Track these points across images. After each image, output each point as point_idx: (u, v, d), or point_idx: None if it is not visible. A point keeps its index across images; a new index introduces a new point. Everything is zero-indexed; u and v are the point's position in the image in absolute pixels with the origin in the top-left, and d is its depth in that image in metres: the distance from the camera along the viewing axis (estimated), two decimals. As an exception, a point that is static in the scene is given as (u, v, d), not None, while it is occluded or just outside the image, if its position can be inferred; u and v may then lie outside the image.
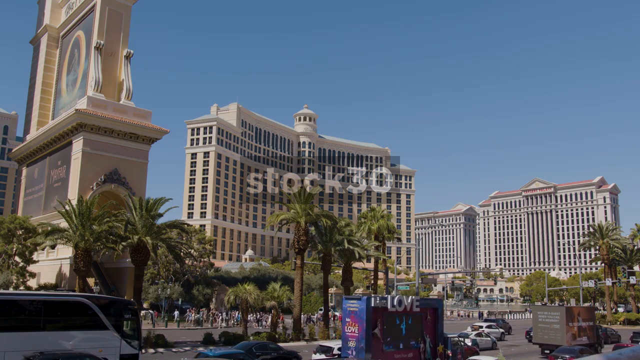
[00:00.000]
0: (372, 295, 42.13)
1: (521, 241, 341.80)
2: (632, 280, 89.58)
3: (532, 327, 51.30)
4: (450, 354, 34.70)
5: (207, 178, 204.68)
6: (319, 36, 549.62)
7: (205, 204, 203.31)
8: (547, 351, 44.60)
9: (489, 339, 53.27)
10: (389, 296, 31.07)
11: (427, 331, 32.06)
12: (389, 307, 29.94)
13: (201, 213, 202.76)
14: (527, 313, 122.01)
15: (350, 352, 28.65)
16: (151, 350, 43.82)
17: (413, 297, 31.90)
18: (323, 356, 35.04)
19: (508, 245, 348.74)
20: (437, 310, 33.48)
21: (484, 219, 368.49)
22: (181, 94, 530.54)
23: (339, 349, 34.46)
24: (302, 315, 61.98)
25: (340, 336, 56.75)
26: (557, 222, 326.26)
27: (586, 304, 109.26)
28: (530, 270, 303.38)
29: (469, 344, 46.17)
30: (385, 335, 29.51)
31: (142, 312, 65.09)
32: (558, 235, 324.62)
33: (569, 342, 44.22)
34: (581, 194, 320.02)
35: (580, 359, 29.94)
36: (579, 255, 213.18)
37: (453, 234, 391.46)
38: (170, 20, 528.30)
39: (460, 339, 41.11)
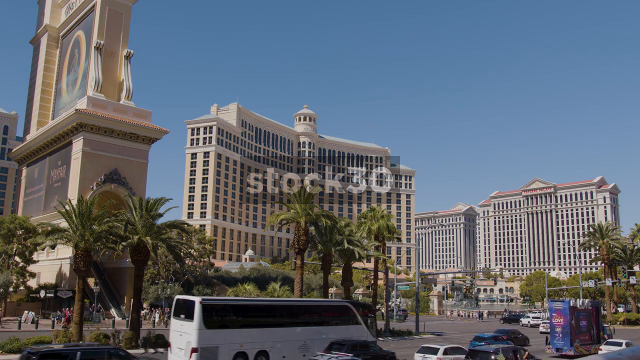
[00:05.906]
0: (570, 299, 54.86)
1: (521, 241, 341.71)
2: (632, 280, 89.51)
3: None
4: (607, 337, 50.78)
5: (207, 178, 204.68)
6: (319, 36, 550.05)
7: (205, 204, 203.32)
8: None
9: None
10: (579, 299, 46.70)
11: (594, 322, 47.09)
12: (578, 306, 45.51)
13: (201, 213, 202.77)
14: (527, 313, 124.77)
15: (557, 334, 44.67)
16: (151, 350, 43.84)
17: (588, 299, 47.99)
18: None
19: (508, 245, 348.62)
20: (598, 308, 48.89)
21: (484, 219, 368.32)
22: (181, 94, 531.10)
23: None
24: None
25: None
26: (557, 222, 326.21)
27: None
28: (530, 270, 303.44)
29: None
30: (576, 324, 44.63)
31: (142, 312, 65.08)
32: (558, 235, 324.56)
33: None
34: (581, 194, 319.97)
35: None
36: (579, 255, 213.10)
37: (453, 234, 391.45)
38: (170, 20, 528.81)
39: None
